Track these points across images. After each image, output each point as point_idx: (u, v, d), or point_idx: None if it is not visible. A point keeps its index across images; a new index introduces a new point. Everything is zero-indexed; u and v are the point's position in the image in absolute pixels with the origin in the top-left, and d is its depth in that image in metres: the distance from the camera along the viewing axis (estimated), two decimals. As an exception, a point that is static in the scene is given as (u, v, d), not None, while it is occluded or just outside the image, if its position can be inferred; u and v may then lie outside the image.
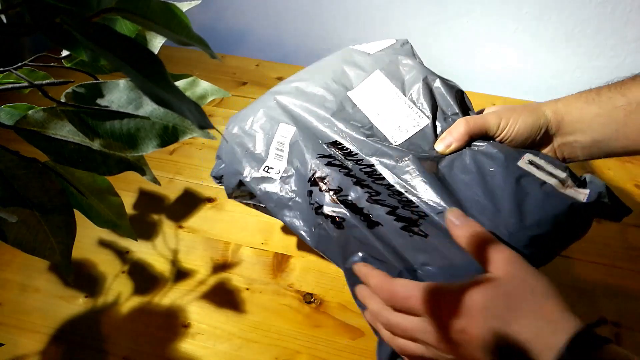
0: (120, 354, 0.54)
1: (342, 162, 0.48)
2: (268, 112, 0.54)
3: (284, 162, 0.50)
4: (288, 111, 0.54)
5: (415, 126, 0.49)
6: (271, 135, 0.52)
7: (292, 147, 0.50)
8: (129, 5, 0.28)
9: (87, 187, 0.41)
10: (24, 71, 0.40)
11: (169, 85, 0.25)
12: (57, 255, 0.38)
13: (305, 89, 0.55)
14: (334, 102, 0.52)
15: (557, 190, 0.43)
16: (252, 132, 0.54)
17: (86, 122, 0.33)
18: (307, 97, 0.54)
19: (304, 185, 0.48)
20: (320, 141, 0.50)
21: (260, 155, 0.52)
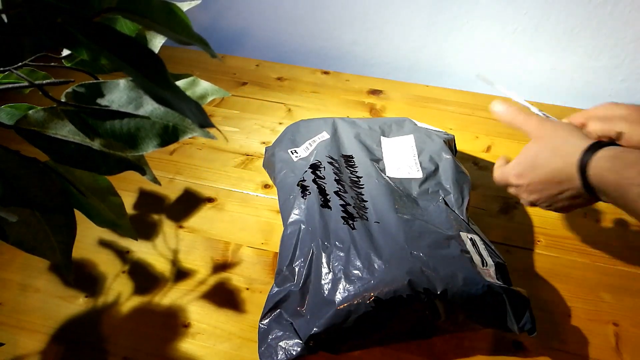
0: (121, 353, 0.54)
1: (340, 167, 0.63)
2: (323, 123, 0.71)
3: (307, 152, 0.67)
4: (335, 127, 0.70)
5: (409, 174, 0.63)
6: (313, 136, 0.69)
7: (318, 146, 0.67)
8: (129, 4, 0.28)
9: (88, 187, 0.41)
10: (24, 71, 0.40)
11: (170, 84, 0.25)
12: (57, 254, 0.38)
13: (358, 122, 0.72)
14: (368, 135, 0.69)
15: (475, 265, 0.51)
16: (306, 131, 0.71)
17: (86, 122, 0.33)
18: (354, 126, 0.70)
19: (305, 166, 0.64)
20: (339, 150, 0.66)
21: (296, 144, 0.69)
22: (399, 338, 0.54)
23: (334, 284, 0.50)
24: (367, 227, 0.55)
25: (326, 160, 0.64)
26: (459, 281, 0.49)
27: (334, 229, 0.55)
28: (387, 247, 0.52)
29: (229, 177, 0.77)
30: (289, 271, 0.54)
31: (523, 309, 0.50)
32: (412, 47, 1.00)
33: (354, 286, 0.49)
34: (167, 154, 0.81)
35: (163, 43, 0.42)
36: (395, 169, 0.64)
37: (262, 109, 0.91)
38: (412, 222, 0.56)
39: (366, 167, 0.63)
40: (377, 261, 0.51)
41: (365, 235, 0.54)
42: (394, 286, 0.48)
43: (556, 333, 0.57)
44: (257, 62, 1.04)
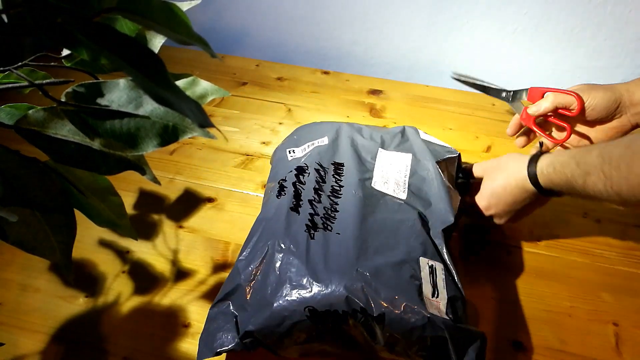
0: (121, 353, 0.54)
1: (325, 175, 0.62)
2: (329, 127, 0.70)
3: (302, 154, 0.66)
4: (337, 133, 0.69)
5: (394, 192, 0.61)
6: (314, 139, 0.68)
7: (314, 150, 0.66)
8: (129, 4, 0.28)
9: (88, 187, 0.41)
10: (24, 71, 0.40)
11: (170, 84, 0.25)
12: (57, 254, 0.38)
13: (363, 130, 0.71)
14: (367, 145, 0.67)
15: (421, 294, 0.49)
16: (310, 133, 0.70)
17: (86, 122, 0.33)
18: (356, 133, 0.70)
19: (293, 166, 0.64)
20: (333, 157, 0.65)
21: (297, 144, 0.69)
22: (343, 351, 0.53)
23: (278, 287, 0.50)
24: (326, 238, 0.54)
25: (314, 165, 0.63)
26: (399, 307, 0.47)
27: (294, 233, 0.54)
28: (336, 260, 0.51)
29: (229, 177, 0.77)
30: (242, 265, 0.54)
31: (466, 348, 0.48)
32: (412, 47, 1.00)
33: (295, 292, 0.48)
34: (167, 154, 0.81)
35: (163, 43, 0.42)
36: (382, 182, 0.62)
37: (262, 109, 0.91)
38: (374, 237, 0.54)
39: (352, 177, 0.61)
40: (322, 273, 0.50)
41: (321, 246, 0.53)
42: (331, 299, 0.47)
43: (556, 333, 0.57)
44: (257, 62, 1.04)
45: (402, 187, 0.62)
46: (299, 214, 0.56)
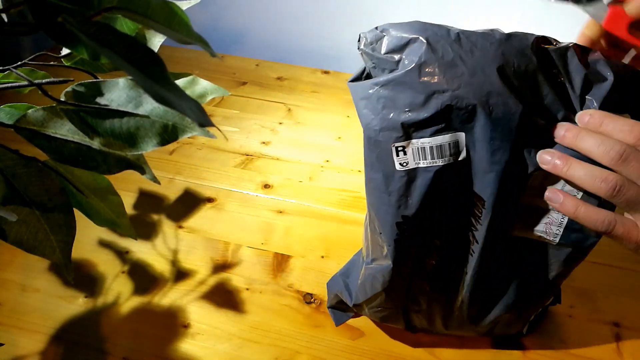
0: (120, 354, 0.54)
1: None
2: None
3: (415, 162, 0.45)
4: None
5: (544, 231, 0.45)
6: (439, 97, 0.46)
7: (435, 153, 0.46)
8: (129, 4, 0.28)
9: (87, 186, 0.41)
10: (24, 70, 0.40)
11: (170, 83, 0.25)
12: (57, 253, 0.38)
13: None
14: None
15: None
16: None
17: (86, 121, 0.33)
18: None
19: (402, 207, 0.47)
20: (471, 178, 0.45)
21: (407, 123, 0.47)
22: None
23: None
24: (450, 299, 0.50)
25: (443, 205, 0.44)
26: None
27: (420, 290, 0.50)
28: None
29: (229, 177, 0.77)
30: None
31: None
32: (412, 47, 1.00)
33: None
34: (167, 153, 0.80)
35: (162, 42, 0.42)
36: (528, 222, 0.44)
37: (262, 109, 0.91)
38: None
39: (496, 225, 0.43)
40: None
41: (442, 306, 0.51)
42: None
43: (556, 333, 0.57)
44: (257, 62, 1.04)
45: (556, 226, 0.44)
46: (424, 271, 0.49)
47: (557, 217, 0.44)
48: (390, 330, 0.57)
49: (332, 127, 0.87)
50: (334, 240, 0.67)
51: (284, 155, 0.81)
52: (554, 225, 0.44)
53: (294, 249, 0.66)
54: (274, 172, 0.78)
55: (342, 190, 0.74)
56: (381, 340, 0.56)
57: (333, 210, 0.72)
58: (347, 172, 0.78)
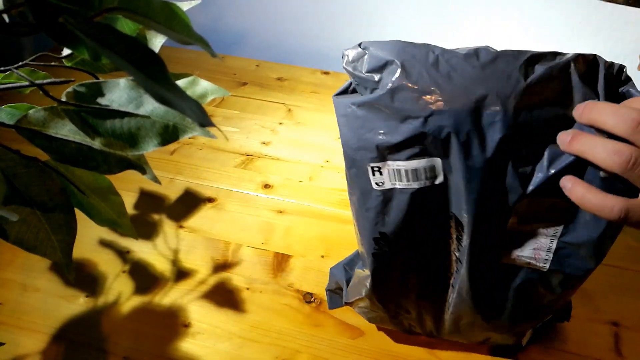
0: (121, 353, 0.54)
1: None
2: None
3: (390, 182, 0.45)
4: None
5: (531, 259, 0.44)
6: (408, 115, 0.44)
7: (409, 176, 0.46)
8: (130, 4, 0.28)
9: (88, 186, 0.42)
10: (25, 71, 0.40)
11: (171, 84, 0.25)
12: (58, 253, 0.38)
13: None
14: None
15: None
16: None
17: (87, 121, 0.33)
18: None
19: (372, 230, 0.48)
20: (447, 200, 0.44)
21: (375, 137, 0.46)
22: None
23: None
24: (439, 309, 0.51)
25: (421, 226, 0.44)
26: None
27: (406, 300, 0.51)
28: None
29: (229, 177, 0.77)
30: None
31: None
32: (412, 47, 1.00)
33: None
34: (168, 154, 0.81)
35: (163, 43, 0.42)
36: (515, 247, 0.43)
37: (262, 109, 0.91)
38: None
39: (477, 246, 0.42)
40: None
41: (432, 316, 0.52)
42: None
43: (556, 333, 0.57)
44: (257, 62, 1.04)
45: (545, 254, 0.43)
46: (407, 285, 0.49)
47: (546, 242, 0.42)
48: (390, 330, 0.57)
49: (332, 127, 0.87)
50: (334, 240, 0.67)
51: (284, 156, 0.81)
52: (543, 250, 0.42)
53: (294, 249, 0.66)
54: (274, 172, 0.78)
55: (342, 190, 0.75)
56: (381, 339, 0.56)
57: (333, 210, 0.72)
58: (347, 172, 0.78)
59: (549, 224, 0.41)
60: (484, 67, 0.39)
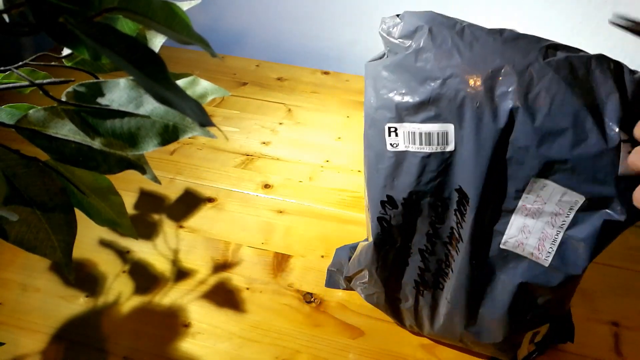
0: (121, 353, 0.54)
1: (444, 212, 0.46)
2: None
3: (405, 145, 0.46)
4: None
5: (532, 254, 0.43)
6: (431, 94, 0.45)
7: (431, 143, 0.46)
8: (130, 4, 0.28)
9: (88, 186, 0.41)
10: (25, 71, 0.40)
11: (171, 83, 0.25)
12: (58, 253, 0.38)
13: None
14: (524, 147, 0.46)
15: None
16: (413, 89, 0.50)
17: (87, 121, 0.33)
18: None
19: (395, 188, 0.49)
20: (461, 175, 0.44)
21: (402, 113, 0.47)
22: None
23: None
24: (435, 299, 0.50)
25: (429, 194, 0.44)
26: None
27: (403, 285, 0.51)
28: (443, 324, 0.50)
29: (229, 177, 0.77)
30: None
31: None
32: (412, 47, 1.00)
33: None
34: (168, 154, 0.81)
35: (163, 43, 0.42)
36: (516, 238, 0.43)
37: (262, 109, 0.91)
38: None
39: (477, 226, 0.43)
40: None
41: (429, 306, 0.51)
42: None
43: (556, 333, 0.57)
44: (257, 62, 1.04)
45: (548, 247, 0.42)
46: (407, 264, 0.49)
47: (552, 233, 0.42)
48: (390, 330, 0.57)
49: (332, 127, 0.87)
50: (334, 240, 0.67)
51: (284, 155, 0.81)
52: (548, 241, 0.42)
53: (294, 249, 0.66)
54: (274, 172, 0.78)
55: (342, 190, 0.75)
56: (381, 340, 0.56)
57: (333, 210, 0.72)
58: (347, 172, 0.78)
59: (558, 213, 0.41)
60: (505, 42, 0.41)
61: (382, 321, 0.58)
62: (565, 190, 0.40)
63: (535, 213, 0.42)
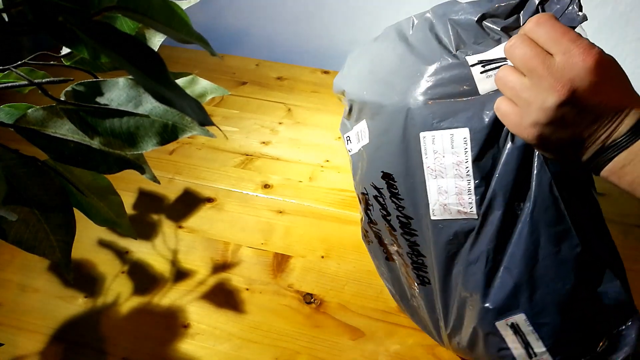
0: (120, 354, 0.54)
1: (383, 200, 0.47)
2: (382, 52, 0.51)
3: (356, 148, 0.50)
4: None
5: (458, 212, 0.42)
6: (362, 114, 0.49)
7: (362, 149, 0.49)
8: (130, 3, 0.28)
9: (87, 186, 0.41)
10: (23, 70, 0.40)
11: (170, 82, 0.25)
12: (56, 253, 0.38)
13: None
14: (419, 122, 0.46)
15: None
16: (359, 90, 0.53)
17: (86, 121, 0.33)
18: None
19: (357, 184, 0.54)
20: (382, 159, 0.46)
21: (353, 113, 0.51)
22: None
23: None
24: (429, 295, 0.48)
25: (366, 185, 0.47)
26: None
27: (407, 288, 0.51)
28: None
29: (229, 177, 0.77)
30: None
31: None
32: (412, 47, 1.00)
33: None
34: (167, 154, 0.80)
35: (162, 42, 0.42)
36: (439, 203, 0.42)
37: (262, 109, 0.91)
38: (453, 301, 0.46)
39: (412, 196, 0.44)
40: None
41: (429, 304, 0.49)
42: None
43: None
44: (257, 61, 1.04)
45: (467, 197, 0.41)
46: (395, 262, 0.50)
47: (464, 184, 0.41)
48: (390, 330, 0.57)
49: (332, 127, 0.87)
50: (334, 240, 0.67)
51: (284, 155, 0.81)
52: (465, 193, 0.41)
53: (294, 249, 0.66)
54: (273, 172, 0.78)
55: (342, 190, 0.74)
56: (381, 340, 0.56)
57: (333, 210, 0.71)
58: (347, 172, 0.78)
59: (459, 162, 0.41)
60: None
61: (382, 322, 0.58)
62: (451, 132, 0.40)
63: (441, 170, 0.41)
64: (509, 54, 0.37)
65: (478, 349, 0.46)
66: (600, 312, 0.42)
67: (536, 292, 0.41)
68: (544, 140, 0.37)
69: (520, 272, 0.41)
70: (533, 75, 0.36)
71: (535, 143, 0.37)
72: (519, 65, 0.37)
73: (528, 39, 0.37)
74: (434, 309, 0.49)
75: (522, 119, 0.37)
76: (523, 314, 0.42)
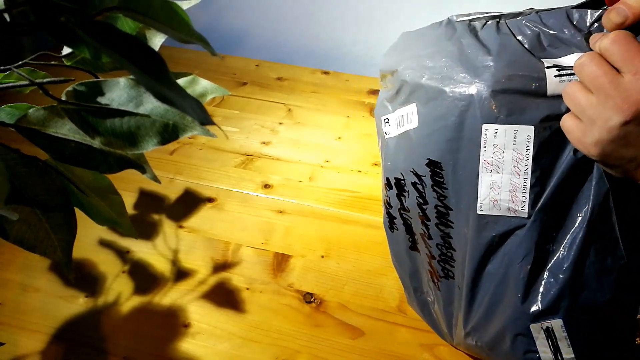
0: (121, 353, 0.54)
1: (423, 189, 0.45)
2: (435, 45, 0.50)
3: (397, 131, 0.47)
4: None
5: (508, 209, 0.41)
6: (406, 101, 0.48)
7: (405, 135, 0.47)
8: (131, 3, 0.28)
9: (88, 185, 0.41)
10: (24, 70, 0.40)
11: (171, 82, 0.25)
12: (57, 252, 0.38)
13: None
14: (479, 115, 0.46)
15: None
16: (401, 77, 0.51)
17: (87, 120, 0.33)
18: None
19: (387, 171, 0.50)
20: (426, 148, 0.44)
21: (393, 99, 0.49)
22: None
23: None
24: (451, 290, 0.47)
25: (407, 172, 0.45)
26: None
27: (426, 280, 0.50)
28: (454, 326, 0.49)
29: (229, 177, 0.77)
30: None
31: None
32: (412, 47, 1.00)
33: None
34: (167, 154, 0.81)
35: (162, 42, 0.42)
36: (489, 198, 0.41)
37: (262, 109, 0.91)
38: (482, 299, 0.45)
39: (458, 187, 0.42)
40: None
41: (447, 299, 0.48)
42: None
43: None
44: (257, 62, 1.04)
45: (521, 196, 0.41)
46: (419, 252, 0.48)
47: (520, 182, 0.41)
48: (390, 330, 0.57)
49: (332, 127, 0.87)
50: (334, 240, 0.67)
51: (284, 155, 0.81)
52: (519, 191, 0.41)
53: (294, 249, 0.66)
54: (274, 172, 0.78)
55: (342, 190, 0.75)
56: (381, 340, 0.56)
57: (333, 210, 0.72)
58: (347, 172, 0.78)
59: (518, 159, 0.41)
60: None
61: (382, 321, 0.58)
62: (516, 128, 0.40)
63: (498, 165, 0.41)
64: (578, 71, 0.38)
65: (500, 349, 0.45)
66: (632, 326, 0.42)
67: (578, 299, 0.41)
68: (605, 157, 0.37)
69: (565, 278, 0.41)
70: (600, 93, 0.36)
71: (596, 159, 0.38)
72: (587, 83, 0.37)
73: (598, 57, 0.37)
74: (452, 304, 0.48)
75: (585, 136, 0.37)
76: (561, 320, 0.41)
